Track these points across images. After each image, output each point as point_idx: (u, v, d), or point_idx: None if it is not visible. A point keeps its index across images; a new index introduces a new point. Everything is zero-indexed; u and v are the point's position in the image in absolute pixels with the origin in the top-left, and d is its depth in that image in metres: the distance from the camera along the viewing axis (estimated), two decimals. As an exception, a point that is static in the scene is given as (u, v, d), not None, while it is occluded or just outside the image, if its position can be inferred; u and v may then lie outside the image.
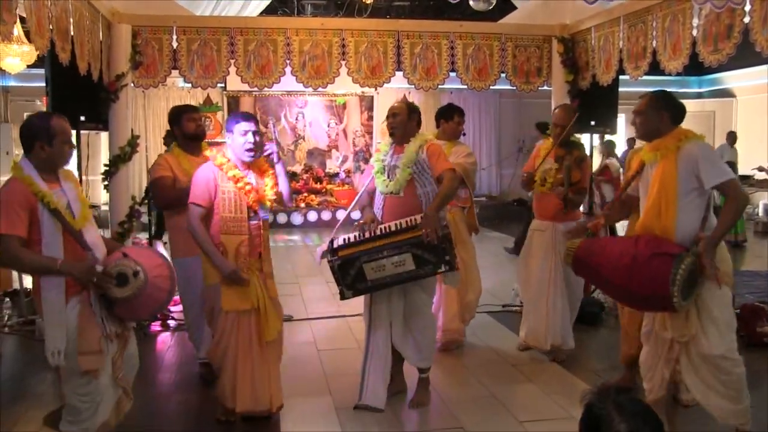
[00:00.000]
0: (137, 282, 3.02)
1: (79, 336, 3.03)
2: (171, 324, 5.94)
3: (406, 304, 4.05)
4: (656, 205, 3.31)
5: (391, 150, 4.15)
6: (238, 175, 3.71)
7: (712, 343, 3.23)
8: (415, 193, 3.99)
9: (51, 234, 2.99)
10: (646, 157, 3.44)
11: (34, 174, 3.01)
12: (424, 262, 3.75)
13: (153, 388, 4.60)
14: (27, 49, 7.16)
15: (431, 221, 3.73)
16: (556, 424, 3.91)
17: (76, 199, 3.15)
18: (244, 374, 3.73)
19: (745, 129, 13.81)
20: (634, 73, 5.35)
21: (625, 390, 1.66)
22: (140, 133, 8.31)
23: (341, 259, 3.79)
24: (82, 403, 3.10)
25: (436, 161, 4.00)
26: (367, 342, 4.15)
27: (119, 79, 5.62)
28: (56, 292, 3.01)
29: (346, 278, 3.81)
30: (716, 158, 3.33)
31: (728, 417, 3.30)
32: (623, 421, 1.56)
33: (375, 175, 4.12)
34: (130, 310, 3.15)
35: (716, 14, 4.30)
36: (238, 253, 3.70)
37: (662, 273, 3.11)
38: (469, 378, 4.65)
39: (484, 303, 6.35)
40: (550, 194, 4.84)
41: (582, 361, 5.02)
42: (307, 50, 5.95)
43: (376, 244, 3.81)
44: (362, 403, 4.07)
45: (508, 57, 6.28)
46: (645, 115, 3.41)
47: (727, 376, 3.25)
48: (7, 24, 3.43)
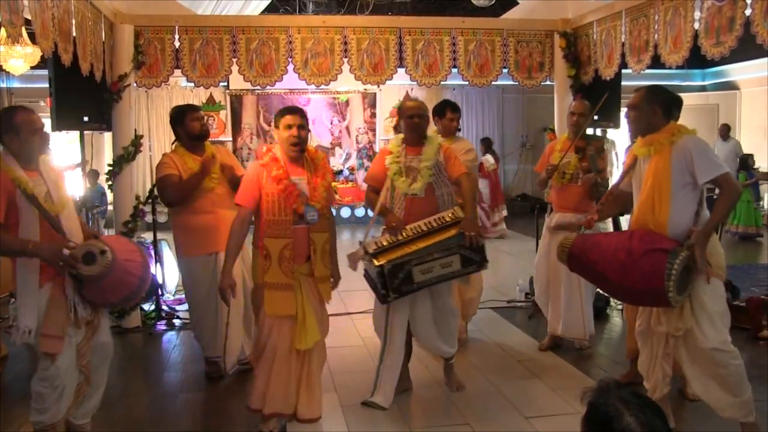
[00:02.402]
0: (104, 260, 3.16)
1: (45, 318, 3.21)
2: (176, 323, 5.96)
3: (432, 300, 4.12)
4: (649, 199, 3.32)
5: (404, 150, 4.13)
6: (281, 176, 3.52)
7: (706, 336, 3.25)
8: (433, 194, 4.05)
9: (28, 219, 3.16)
10: (638, 151, 3.45)
11: (13, 163, 3.19)
12: (470, 261, 3.88)
13: (159, 387, 4.62)
14: (30, 50, 7.18)
15: (473, 224, 3.89)
16: (561, 420, 3.91)
17: (56, 187, 3.32)
18: (278, 380, 3.60)
19: (749, 121, 13.75)
20: (637, 67, 5.34)
21: (625, 385, 1.64)
22: (143, 133, 8.33)
23: (391, 263, 3.76)
24: (44, 388, 3.27)
25: (452, 164, 4.09)
26: (384, 341, 4.14)
27: (122, 80, 5.64)
28: (30, 273, 3.20)
29: (394, 282, 3.77)
30: (709, 153, 3.32)
31: (729, 410, 3.30)
32: (632, 415, 1.53)
33: (393, 176, 4.06)
34: (99, 292, 3.30)
35: (718, 7, 4.29)
36: (282, 257, 3.52)
37: (657, 269, 3.12)
38: (474, 374, 4.65)
39: (490, 299, 6.37)
40: (570, 186, 4.89)
41: (587, 357, 5.02)
42: (309, 48, 5.95)
43: (419, 246, 3.83)
44: (371, 400, 4.08)
45: (510, 52, 6.28)
46: (639, 109, 3.40)
47: (724, 368, 3.25)
48: (15, 26, 3.49)
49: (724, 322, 3.30)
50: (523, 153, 14.69)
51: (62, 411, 3.33)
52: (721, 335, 3.26)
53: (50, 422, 3.31)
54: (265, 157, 3.58)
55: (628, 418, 1.52)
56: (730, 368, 3.25)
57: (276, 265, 3.52)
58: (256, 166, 3.60)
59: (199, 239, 4.41)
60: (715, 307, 3.28)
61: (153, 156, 12.60)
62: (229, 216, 4.55)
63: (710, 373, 3.28)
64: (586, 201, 4.86)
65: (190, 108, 4.73)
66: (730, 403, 3.28)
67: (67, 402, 3.35)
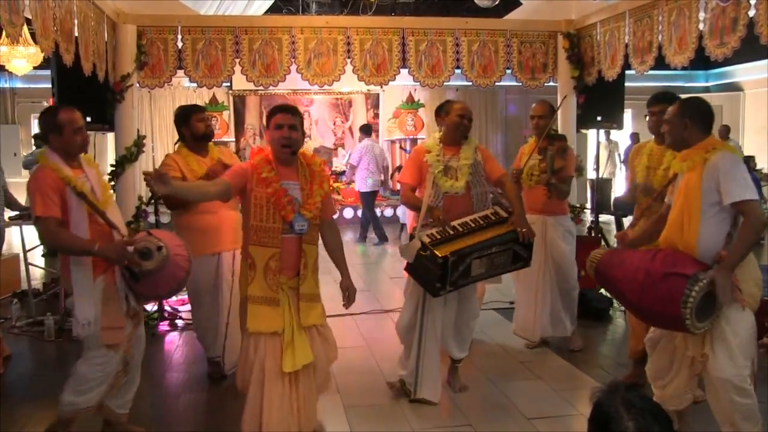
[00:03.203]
0: (160, 255, 3.30)
1: (102, 312, 3.31)
2: (179, 324, 5.96)
3: (459, 301, 4.19)
4: (679, 218, 3.16)
5: (442, 150, 4.18)
6: (272, 178, 3.21)
7: (720, 365, 3.06)
8: (469, 192, 4.14)
9: (78, 216, 3.25)
10: (676, 167, 3.30)
11: (59, 161, 3.28)
12: (519, 258, 4.06)
13: (161, 387, 4.61)
14: (33, 50, 7.20)
15: (525, 221, 4.02)
16: (564, 422, 3.90)
17: (98, 183, 3.44)
18: (270, 405, 3.20)
19: (752, 122, 13.74)
20: (640, 68, 5.33)
21: (634, 387, 1.63)
22: (146, 133, 8.35)
23: (455, 255, 3.76)
24: (95, 372, 3.35)
25: (492, 165, 4.22)
26: (419, 341, 4.14)
27: (125, 80, 5.64)
28: (85, 267, 3.29)
29: (454, 274, 3.78)
30: (739, 173, 3.05)
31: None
32: (631, 419, 1.54)
33: (436, 174, 4.10)
34: (152, 285, 3.41)
35: (722, 8, 4.28)
36: (267, 268, 3.20)
37: (674, 293, 2.98)
38: (476, 375, 4.64)
39: (493, 300, 6.36)
40: (537, 188, 4.95)
41: (590, 358, 5.01)
42: (312, 48, 5.95)
43: (475, 240, 3.88)
44: (420, 396, 4.14)
45: (513, 53, 6.27)
46: (671, 123, 3.25)
47: (733, 405, 3.05)
48: (15, 26, 3.51)
49: (744, 354, 3.06)
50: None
51: (98, 398, 3.42)
52: (737, 369, 3.04)
53: (84, 406, 3.39)
54: (256, 157, 3.30)
55: (626, 422, 1.54)
56: (737, 405, 3.04)
57: (261, 277, 3.21)
58: (247, 165, 3.32)
59: (201, 240, 4.40)
60: (735, 338, 3.06)
61: (156, 156, 12.61)
62: (233, 216, 4.58)
63: (722, 399, 3.09)
64: (554, 202, 4.92)
65: (196, 108, 4.72)
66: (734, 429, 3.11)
67: (106, 390, 3.44)
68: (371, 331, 5.69)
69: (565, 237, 5.06)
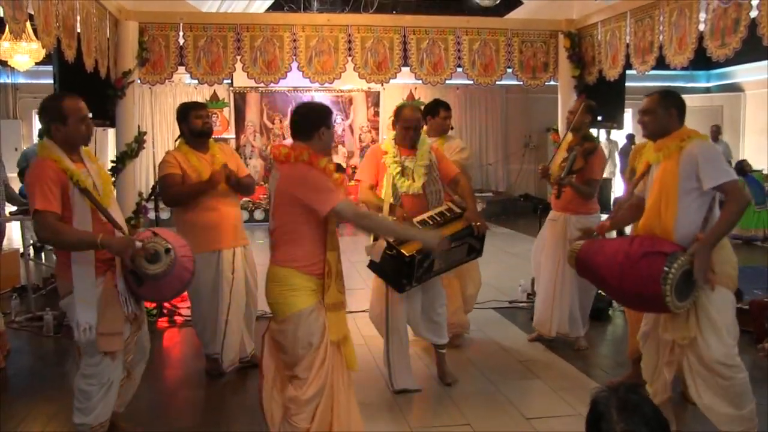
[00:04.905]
0: (168, 259, 3.11)
1: (101, 316, 3.09)
2: (178, 320, 5.96)
3: (423, 290, 4.27)
4: (656, 204, 3.27)
5: (398, 151, 4.32)
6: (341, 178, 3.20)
7: (710, 347, 3.16)
8: (424, 192, 4.27)
9: (81, 211, 3.06)
10: (650, 157, 3.40)
11: (61, 153, 3.08)
12: (473, 250, 4.29)
13: (160, 383, 4.62)
14: (35, 46, 7.20)
15: (478, 216, 4.19)
16: (562, 421, 3.91)
17: (98, 178, 3.23)
18: (338, 411, 3.11)
19: (753, 123, 13.74)
20: (641, 68, 5.33)
21: (634, 388, 1.64)
22: (147, 130, 8.31)
23: (421, 253, 3.80)
24: (91, 386, 3.15)
25: (446, 165, 4.39)
26: (387, 333, 4.28)
27: (126, 76, 5.63)
28: (87, 268, 3.08)
29: (419, 271, 3.91)
30: (717, 159, 3.24)
31: (729, 424, 3.20)
32: (621, 421, 1.55)
33: (395, 175, 4.24)
34: (157, 288, 3.21)
35: (723, 8, 4.28)
36: (339, 272, 3.16)
37: (654, 271, 3.05)
38: (476, 374, 4.65)
39: (492, 299, 6.37)
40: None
41: (589, 357, 5.01)
42: (314, 46, 5.94)
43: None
44: (399, 388, 4.25)
45: (514, 52, 6.27)
46: (655, 113, 3.33)
47: (728, 381, 3.16)
48: (18, 22, 3.47)
49: (730, 333, 3.20)
50: (527, 153, 14.68)
51: (108, 411, 3.22)
52: (726, 348, 3.17)
53: (95, 423, 3.19)
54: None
55: (614, 425, 1.55)
56: (733, 381, 3.17)
57: (334, 283, 3.11)
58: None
59: (202, 236, 4.40)
60: (721, 318, 3.18)
61: (156, 152, 12.61)
62: (233, 213, 4.59)
63: (712, 385, 3.19)
64: (578, 201, 4.99)
65: (195, 105, 4.74)
66: (730, 418, 3.19)
67: (113, 400, 3.25)
68: (371, 328, 5.68)
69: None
